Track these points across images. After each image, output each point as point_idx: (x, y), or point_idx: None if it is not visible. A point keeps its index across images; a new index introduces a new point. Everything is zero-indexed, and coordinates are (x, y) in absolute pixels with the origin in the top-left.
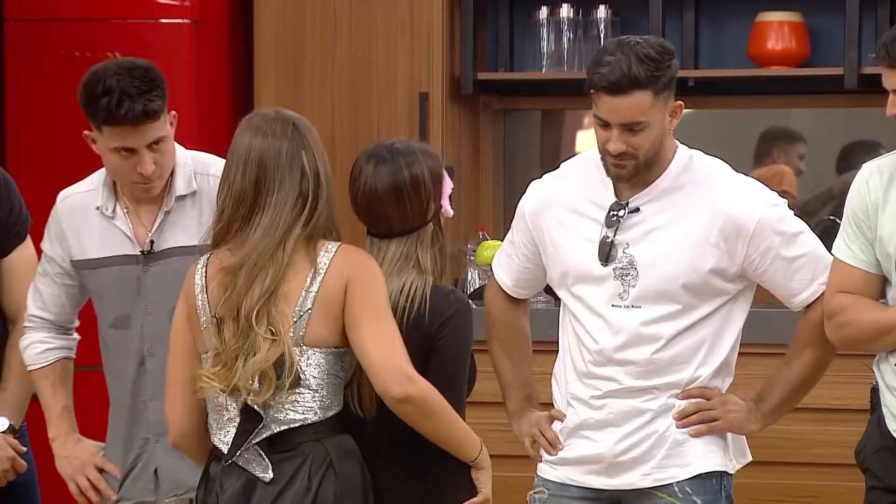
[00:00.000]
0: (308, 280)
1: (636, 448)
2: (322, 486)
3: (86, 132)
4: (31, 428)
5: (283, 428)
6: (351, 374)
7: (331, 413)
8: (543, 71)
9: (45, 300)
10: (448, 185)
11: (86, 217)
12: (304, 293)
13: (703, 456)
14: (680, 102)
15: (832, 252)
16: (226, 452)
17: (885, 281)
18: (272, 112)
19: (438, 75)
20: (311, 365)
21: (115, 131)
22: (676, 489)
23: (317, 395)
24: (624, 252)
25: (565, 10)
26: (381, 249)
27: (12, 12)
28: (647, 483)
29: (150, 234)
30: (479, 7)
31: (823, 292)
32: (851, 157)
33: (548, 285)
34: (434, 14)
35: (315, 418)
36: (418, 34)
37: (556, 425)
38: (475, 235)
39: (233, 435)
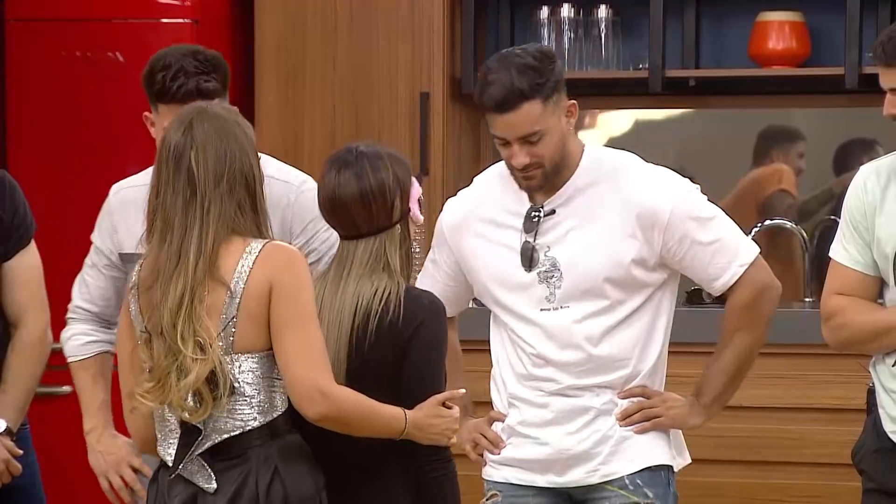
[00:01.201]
0: (232, 286)
1: (581, 444)
2: (270, 492)
3: (145, 113)
4: (35, 431)
5: (224, 437)
6: None
7: (274, 415)
8: None
9: (91, 292)
10: (416, 191)
11: (139, 210)
12: (227, 300)
13: (650, 450)
14: (573, 101)
15: (829, 254)
16: (170, 465)
17: (882, 283)
18: (200, 104)
19: (439, 75)
20: (244, 371)
21: (169, 109)
22: (627, 481)
23: (254, 400)
24: (546, 255)
25: (566, 10)
26: (350, 250)
27: (13, 12)
28: (594, 479)
29: None
30: (480, 7)
31: (742, 275)
32: (849, 156)
33: None
34: (435, 14)
35: (256, 423)
36: (419, 34)
37: (497, 425)
38: None
39: (175, 447)
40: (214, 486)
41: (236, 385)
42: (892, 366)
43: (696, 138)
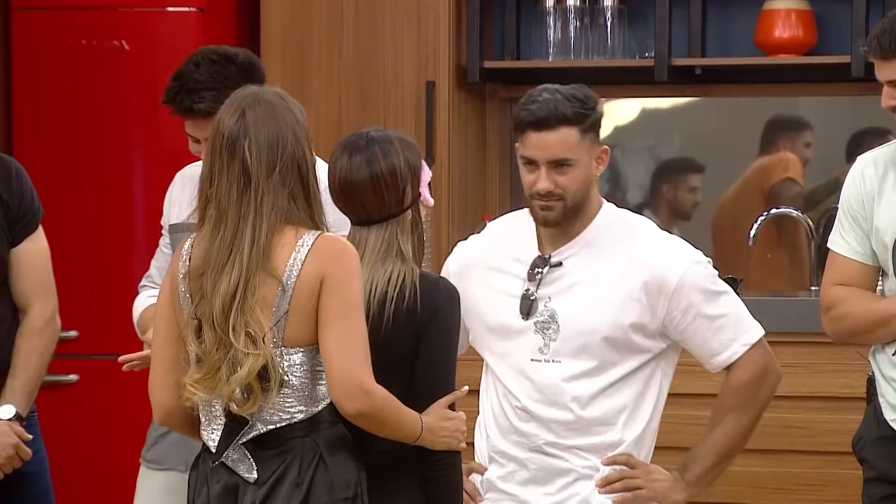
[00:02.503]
0: (284, 280)
1: None
2: (314, 480)
3: None
4: (43, 419)
5: (269, 428)
6: None
7: (320, 406)
8: (550, 59)
9: (154, 280)
10: (426, 174)
11: (193, 186)
12: (279, 294)
13: None
14: (606, 147)
15: (828, 245)
16: (214, 452)
17: (880, 272)
18: (252, 89)
19: (445, 64)
20: (294, 365)
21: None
22: None
23: (301, 393)
24: (545, 306)
25: None
26: (362, 237)
27: (19, 1)
28: None
29: None
30: None
31: (743, 354)
32: (862, 145)
33: None
34: (440, 2)
35: (302, 416)
36: (425, 23)
37: (476, 477)
38: (482, 224)
39: (219, 434)
40: (255, 476)
41: (285, 378)
42: (893, 354)
43: (702, 127)
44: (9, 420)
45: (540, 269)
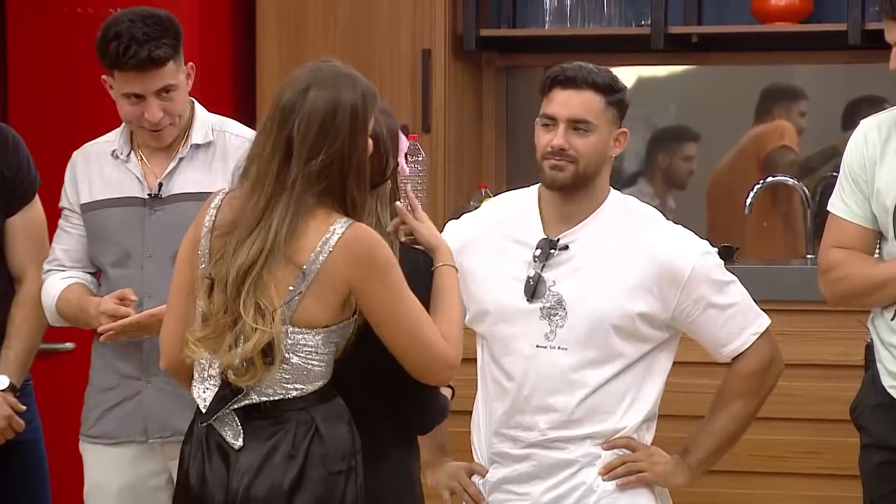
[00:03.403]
0: (305, 267)
1: (565, 500)
2: (309, 452)
3: (103, 77)
4: (37, 387)
5: (263, 399)
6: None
7: (316, 385)
8: (546, 27)
9: (62, 263)
10: (404, 143)
11: (100, 163)
12: (300, 277)
13: (634, 501)
14: (626, 130)
15: (828, 208)
16: (203, 412)
17: (879, 236)
18: (331, 67)
19: (441, 32)
20: (298, 344)
21: (124, 76)
22: None
23: (300, 372)
24: (551, 290)
25: None
26: None
27: None
28: None
29: (160, 178)
30: None
31: (752, 343)
32: (857, 113)
33: None
34: None
35: (298, 393)
36: None
37: (477, 479)
38: (477, 193)
39: (211, 394)
40: (240, 443)
41: (286, 356)
42: (892, 319)
43: (698, 95)
44: (2, 391)
45: (546, 252)
